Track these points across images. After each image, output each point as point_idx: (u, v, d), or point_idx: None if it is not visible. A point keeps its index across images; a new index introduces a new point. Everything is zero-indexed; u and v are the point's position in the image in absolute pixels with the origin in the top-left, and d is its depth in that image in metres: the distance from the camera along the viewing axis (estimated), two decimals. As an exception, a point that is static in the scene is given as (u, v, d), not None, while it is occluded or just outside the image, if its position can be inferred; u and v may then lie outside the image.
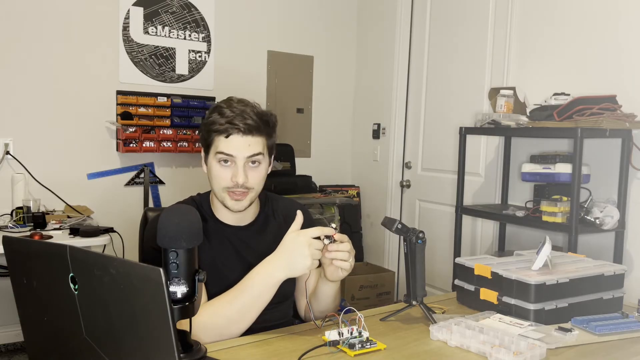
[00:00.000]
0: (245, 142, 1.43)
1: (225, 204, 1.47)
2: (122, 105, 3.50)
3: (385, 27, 4.22)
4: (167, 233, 1.10)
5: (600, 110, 2.50)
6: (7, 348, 3.29)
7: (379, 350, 1.27)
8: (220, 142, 1.43)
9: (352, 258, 1.40)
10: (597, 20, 2.83)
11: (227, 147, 1.42)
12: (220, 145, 1.43)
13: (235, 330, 1.34)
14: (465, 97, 3.60)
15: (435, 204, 3.88)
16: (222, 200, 1.47)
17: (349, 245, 1.38)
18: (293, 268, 1.32)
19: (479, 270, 1.58)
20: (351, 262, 1.39)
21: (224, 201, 1.47)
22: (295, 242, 1.32)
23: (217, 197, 1.49)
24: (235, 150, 1.42)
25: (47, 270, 0.97)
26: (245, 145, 1.43)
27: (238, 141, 1.42)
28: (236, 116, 1.42)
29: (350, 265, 1.39)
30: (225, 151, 1.43)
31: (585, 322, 1.43)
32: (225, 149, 1.42)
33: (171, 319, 0.81)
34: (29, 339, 1.08)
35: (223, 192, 1.46)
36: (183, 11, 3.72)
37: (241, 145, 1.42)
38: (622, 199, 2.65)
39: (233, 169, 1.44)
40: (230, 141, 1.42)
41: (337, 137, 4.52)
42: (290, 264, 1.31)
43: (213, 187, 1.48)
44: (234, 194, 1.45)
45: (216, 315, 1.32)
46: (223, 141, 1.43)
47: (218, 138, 1.43)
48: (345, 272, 1.41)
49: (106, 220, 3.17)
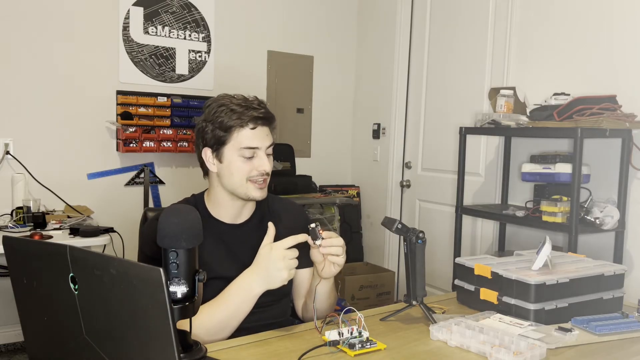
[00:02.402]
0: (264, 132, 1.48)
1: (249, 194, 1.48)
2: (122, 105, 3.50)
3: (385, 27, 4.22)
4: (167, 233, 1.10)
5: (600, 110, 2.50)
6: (7, 348, 3.29)
7: (379, 350, 1.27)
8: (243, 135, 1.45)
9: (344, 253, 1.41)
10: (597, 20, 2.83)
11: (251, 140, 1.45)
12: (243, 139, 1.45)
13: (217, 339, 1.35)
14: (465, 97, 3.60)
15: (435, 204, 3.88)
16: (246, 191, 1.48)
17: (340, 240, 1.39)
18: (270, 282, 1.34)
19: (479, 270, 1.59)
20: (343, 256, 1.40)
21: (247, 192, 1.48)
22: (269, 257, 1.33)
23: (237, 192, 1.49)
24: (261, 141, 1.47)
25: (47, 270, 0.97)
26: (265, 135, 1.48)
27: (260, 132, 1.47)
28: (251, 108, 1.46)
29: (343, 259, 1.40)
30: (252, 144, 1.45)
31: (585, 322, 1.43)
32: (250, 142, 1.45)
33: (171, 319, 0.81)
34: (29, 339, 1.08)
35: (246, 183, 1.47)
36: (183, 11, 3.72)
37: (262, 135, 1.48)
38: (622, 199, 2.65)
39: (257, 160, 1.47)
40: (254, 133, 1.46)
41: (337, 137, 4.52)
42: (266, 277, 1.34)
43: (233, 181, 1.48)
44: (257, 184, 1.48)
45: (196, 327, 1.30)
46: (246, 134, 1.45)
47: (239, 132, 1.45)
48: (338, 268, 1.42)
49: (106, 220, 3.17)
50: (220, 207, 1.53)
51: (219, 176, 1.50)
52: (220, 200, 1.53)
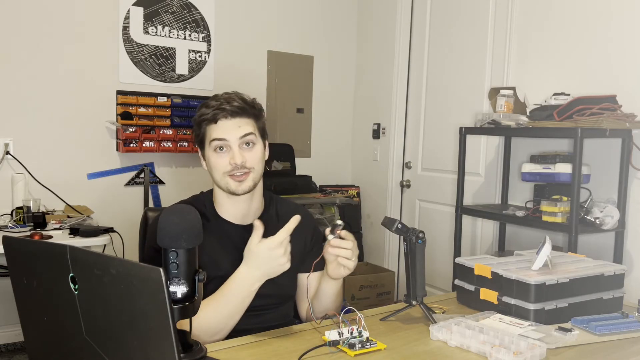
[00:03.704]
0: (234, 124, 1.46)
1: (229, 188, 1.47)
2: (122, 105, 3.50)
3: (385, 27, 4.22)
4: (167, 233, 1.10)
5: (600, 110, 2.50)
6: (7, 348, 3.29)
7: (379, 350, 1.27)
8: (212, 129, 1.46)
9: (356, 257, 1.41)
10: (597, 20, 2.83)
11: (218, 132, 1.45)
12: (212, 133, 1.46)
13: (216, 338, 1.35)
14: (465, 97, 3.59)
15: (435, 204, 3.88)
16: (226, 186, 1.47)
17: (352, 244, 1.39)
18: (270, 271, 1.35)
19: (479, 270, 1.58)
20: (354, 260, 1.40)
21: (227, 186, 1.47)
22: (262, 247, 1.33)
23: (221, 187, 1.49)
24: (227, 133, 1.45)
25: (47, 270, 0.97)
26: (236, 127, 1.46)
27: (228, 124, 1.46)
28: (222, 103, 1.46)
29: (353, 263, 1.41)
30: (218, 136, 1.45)
31: (585, 322, 1.43)
32: (217, 134, 1.45)
33: (171, 319, 0.81)
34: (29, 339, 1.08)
35: (225, 178, 1.47)
36: (183, 11, 3.72)
37: (231, 127, 1.46)
38: (622, 199, 2.65)
39: (229, 153, 1.46)
40: (221, 126, 1.45)
41: (337, 137, 4.52)
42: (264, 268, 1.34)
43: (215, 177, 1.49)
44: (235, 177, 1.46)
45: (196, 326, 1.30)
46: (214, 128, 1.46)
47: (209, 127, 1.46)
48: (347, 271, 1.42)
49: (106, 220, 3.17)
50: (223, 206, 1.53)
51: (210, 174, 1.51)
52: (219, 198, 1.53)
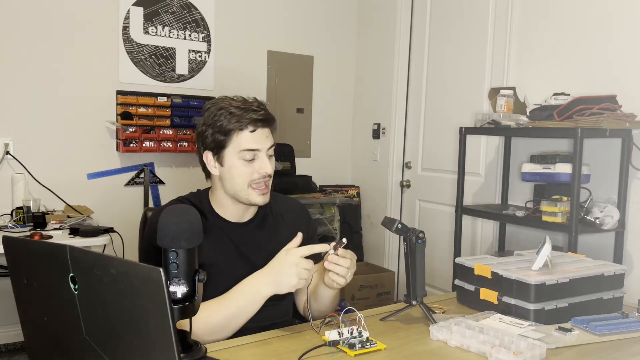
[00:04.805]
0: (264, 134, 1.47)
1: (251, 200, 1.47)
2: (122, 105, 3.50)
3: (385, 27, 4.22)
4: (167, 233, 1.10)
5: (600, 110, 2.50)
6: (7, 348, 3.29)
7: (379, 350, 1.27)
8: (244, 138, 1.44)
9: (351, 275, 1.41)
10: (597, 20, 2.83)
11: (253, 142, 1.44)
12: (243, 142, 1.44)
13: (219, 337, 1.35)
14: (465, 97, 3.59)
15: (435, 204, 3.88)
16: (247, 197, 1.47)
17: (349, 262, 1.38)
18: (279, 286, 1.33)
19: (479, 270, 1.58)
20: (348, 278, 1.40)
21: (249, 198, 1.47)
22: (284, 261, 1.33)
23: (238, 197, 1.48)
24: (261, 143, 1.45)
25: (47, 270, 0.97)
26: (265, 137, 1.47)
27: (261, 134, 1.46)
28: (249, 111, 1.44)
29: (345, 281, 1.40)
30: (252, 147, 1.44)
31: (585, 322, 1.42)
32: (251, 144, 1.44)
33: (171, 319, 0.81)
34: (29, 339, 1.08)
35: (248, 189, 1.46)
36: (183, 11, 3.72)
37: (263, 137, 1.46)
38: (622, 199, 2.65)
39: (257, 162, 1.46)
40: (255, 136, 1.44)
41: (337, 137, 4.52)
42: (277, 281, 1.33)
43: (234, 186, 1.47)
44: (259, 189, 1.46)
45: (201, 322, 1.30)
46: (248, 137, 1.44)
47: (240, 135, 1.44)
48: (338, 285, 1.42)
49: (106, 220, 3.17)
50: (223, 206, 1.53)
51: (221, 179, 1.49)
52: (223, 202, 1.53)
